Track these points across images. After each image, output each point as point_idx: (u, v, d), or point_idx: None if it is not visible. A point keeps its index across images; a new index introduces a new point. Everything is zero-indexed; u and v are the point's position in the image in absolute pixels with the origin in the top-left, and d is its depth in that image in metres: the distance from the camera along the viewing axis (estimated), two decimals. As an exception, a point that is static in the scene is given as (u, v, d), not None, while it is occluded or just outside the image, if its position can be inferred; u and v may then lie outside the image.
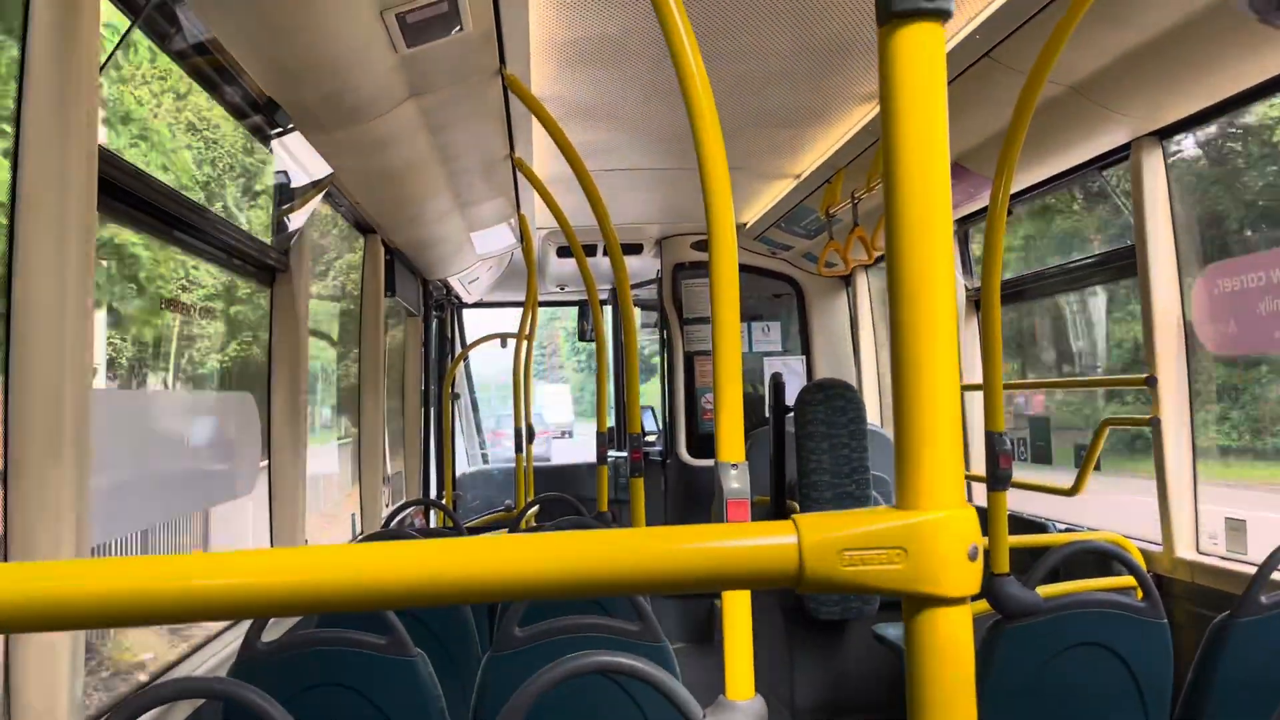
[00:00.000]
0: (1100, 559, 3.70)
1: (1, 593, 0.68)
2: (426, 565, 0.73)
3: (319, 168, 3.24)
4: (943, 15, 0.75)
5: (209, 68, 2.63)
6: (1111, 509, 4.57)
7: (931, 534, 0.73)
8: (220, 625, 3.02)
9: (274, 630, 2.69)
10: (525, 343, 5.97)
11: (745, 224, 6.29)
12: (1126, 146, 3.60)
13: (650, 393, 9.57)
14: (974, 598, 0.76)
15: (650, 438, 7.49)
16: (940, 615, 0.74)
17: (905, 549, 0.72)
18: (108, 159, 2.09)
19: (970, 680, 0.75)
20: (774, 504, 4.69)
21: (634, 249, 6.92)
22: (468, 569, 0.73)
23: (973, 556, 0.73)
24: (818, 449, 4.60)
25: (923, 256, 0.75)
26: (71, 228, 1.67)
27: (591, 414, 7.75)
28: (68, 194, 1.67)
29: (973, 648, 0.76)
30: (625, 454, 6.84)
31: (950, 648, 0.74)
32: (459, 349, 8.26)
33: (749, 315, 6.89)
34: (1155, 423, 3.52)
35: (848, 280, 6.88)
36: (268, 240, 3.35)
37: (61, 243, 1.66)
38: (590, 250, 6.31)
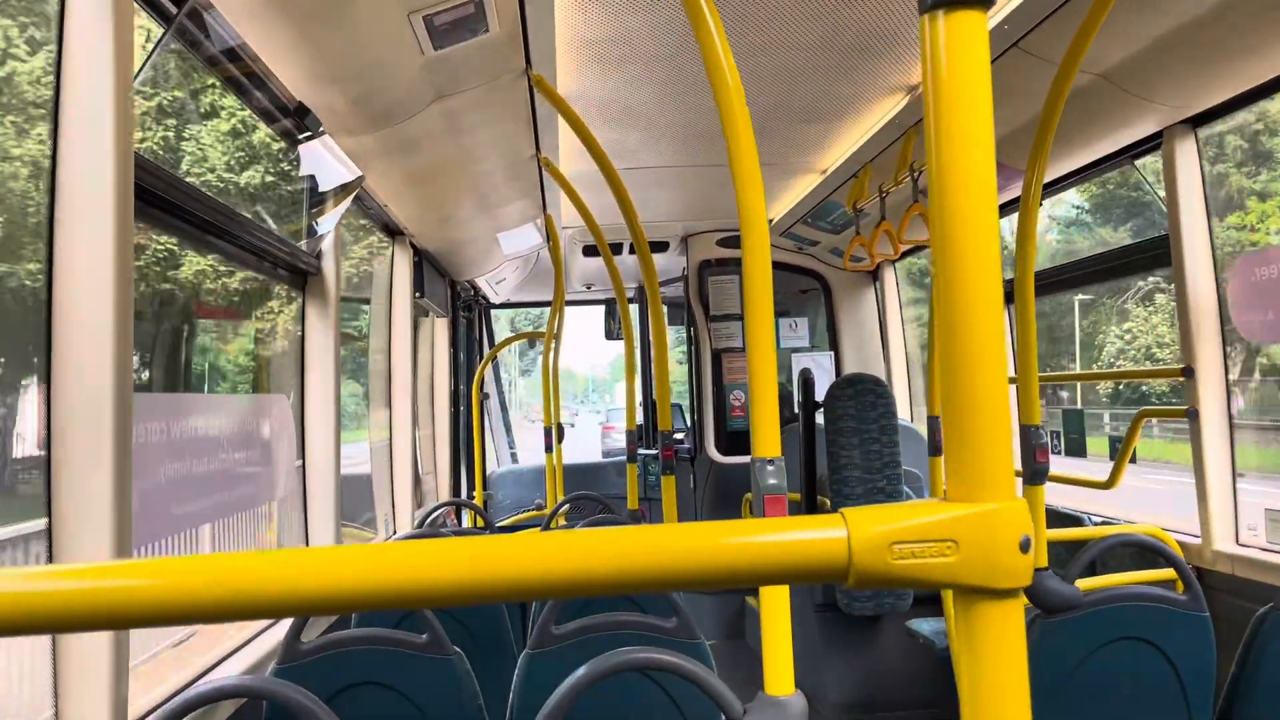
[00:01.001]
0: (1137, 551, 3.66)
1: (45, 593, 0.68)
2: (466, 564, 0.72)
3: (348, 171, 3.27)
4: (985, 3, 0.74)
5: (239, 73, 2.66)
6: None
7: (984, 526, 0.72)
8: (257, 626, 3.05)
9: (310, 630, 2.71)
10: (554, 342, 5.98)
11: (772, 220, 6.26)
12: (1159, 135, 3.56)
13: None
14: None
15: (678, 435, 7.48)
16: (992, 608, 0.73)
17: (957, 541, 0.71)
18: (144, 165, 2.11)
19: (1023, 673, 0.74)
20: (805, 500, 4.68)
21: (660, 246, 6.90)
22: (509, 568, 0.72)
23: (1024, 548, 0.72)
24: (848, 444, 4.58)
25: (969, 247, 0.74)
26: (111, 233, 1.69)
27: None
28: (106, 200, 1.70)
29: (1024, 641, 0.75)
30: (655, 452, 6.84)
31: (1003, 641, 0.73)
32: (487, 349, 8.30)
33: (777, 311, 6.81)
34: (1193, 414, 3.48)
35: (875, 275, 6.83)
36: (300, 244, 3.38)
37: (101, 248, 1.69)
38: (616, 249, 6.30)
